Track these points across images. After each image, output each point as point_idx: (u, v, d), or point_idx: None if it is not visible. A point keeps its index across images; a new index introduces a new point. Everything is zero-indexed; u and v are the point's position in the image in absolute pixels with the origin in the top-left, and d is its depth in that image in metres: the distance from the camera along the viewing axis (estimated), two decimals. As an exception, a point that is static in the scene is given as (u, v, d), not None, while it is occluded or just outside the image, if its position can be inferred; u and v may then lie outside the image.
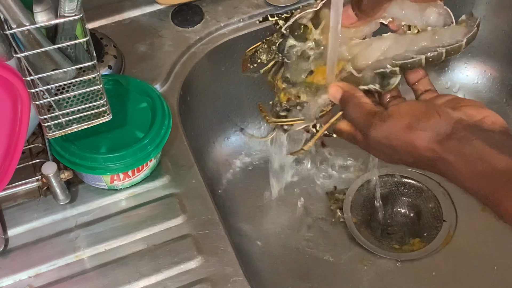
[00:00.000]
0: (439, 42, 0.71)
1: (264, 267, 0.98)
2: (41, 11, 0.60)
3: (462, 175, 0.62)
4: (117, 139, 0.79)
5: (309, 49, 0.74)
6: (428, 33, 0.71)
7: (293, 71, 0.74)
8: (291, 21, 0.73)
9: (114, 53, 0.92)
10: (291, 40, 0.74)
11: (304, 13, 0.73)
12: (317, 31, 0.74)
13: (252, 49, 0.77)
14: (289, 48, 0.74)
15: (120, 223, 0.80)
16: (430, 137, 0.64)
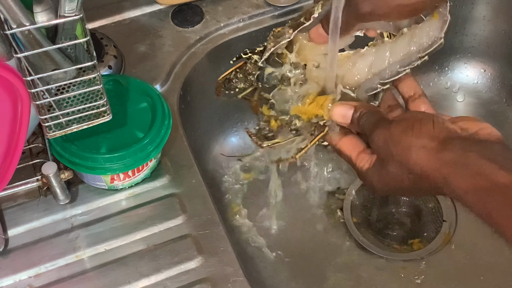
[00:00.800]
0: (418, 44, 0.70)
1: (264, 267, 0.98)
2: (41, 11, 0.60)
3: (460, 189, 0.60)
4: (117, 139, 0.79)
5: (288, 72, 0.73)
6: (406, 36, 0.70)
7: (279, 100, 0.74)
8: (266, 55, 0.72)
9: (114, 53, 0.92)
10: (268, 68, 0.73)
11: (278, 45, 0.72)
12: (292, 54, 0.73)
13: (224, 77, 0.77)
14: (268, 75, 0.73)
15: (120, 223, 0.80)
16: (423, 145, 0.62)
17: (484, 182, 0.59)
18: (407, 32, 0.71)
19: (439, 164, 0.61)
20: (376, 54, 0.72)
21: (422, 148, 0.62)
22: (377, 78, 0.71)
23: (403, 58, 0.71)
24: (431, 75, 1.16)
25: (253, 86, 0.75)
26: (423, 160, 0.62)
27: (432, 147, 0.62)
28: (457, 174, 0.60)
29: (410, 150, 0.63)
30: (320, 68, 0.73)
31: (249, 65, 0.75)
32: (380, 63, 0.71)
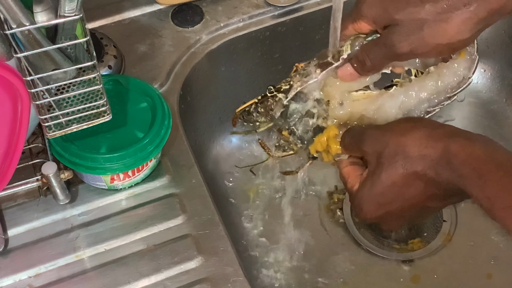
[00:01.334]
0: (446, 82, 0.70)
1: (264, 267, 0.98)
2: (41, 11, 0.60)
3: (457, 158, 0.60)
4: (117, 139, 0.79)
5: (312, 108, 0.73)
6: (433, 75, 0.70)
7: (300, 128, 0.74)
8: (293, 94, 0.72)
9: (114, 53, 0.92)
10: (292, 105, 0.73)
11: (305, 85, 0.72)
12: (317, 91, 0.73)
13: (242, 109, 0.77)
14: (291, 112, 0.74)
15: (120, 223, 0.80)
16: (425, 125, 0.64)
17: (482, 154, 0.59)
18: (434, 71, 0.71)
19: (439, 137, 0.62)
20: (405, 93, 0.71)
21: (422, 129, 0.64)
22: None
23: (431, 97, 0.70)
24: (431, 75, 1.16)
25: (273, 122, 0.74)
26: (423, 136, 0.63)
27: (431, 125, 0.63)
28: (458, 144, 0.61)
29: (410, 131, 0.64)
30: (343, 107, 0.73)
31: (271, 100, 0.74)
32: (409, 103, 0.71)
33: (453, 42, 0.66)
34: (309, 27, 1.02)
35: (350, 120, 0.73)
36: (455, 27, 0.65)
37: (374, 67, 0.70)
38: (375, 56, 0.69)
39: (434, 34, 0.66)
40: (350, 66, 0.71)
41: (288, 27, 1.01)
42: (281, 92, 0.74)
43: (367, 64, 0.70)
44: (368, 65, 0.70)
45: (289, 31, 1.02)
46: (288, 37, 1.02)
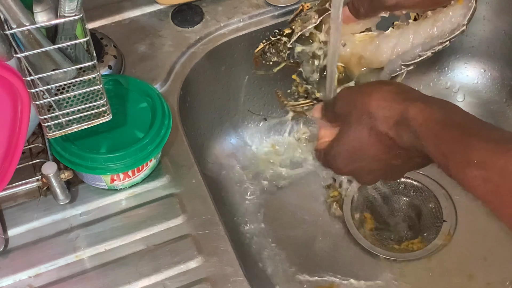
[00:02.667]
0: (441, 28, 0.71)
1: (264, 266, 0.98)
2: (41, 11, 0.60)
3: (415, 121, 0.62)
4: (117, 139, 0.79)
5: (317, 49, 0.75)
6: (429, 20, 0.72)
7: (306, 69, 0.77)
8: (294, 38, 0.75)
9: (114, 53, 0.92)
10: (298, 47, 0.76)
11: (305, 30, 0.75)
12: (321, 33, 0.75)
13: (259, 50, 0.80)
14: (298, 53, 0.76)
15: (120, 223, 0.80)
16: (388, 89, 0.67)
17: (439, 116, 0.62)
18: (431, 16, 0.72)
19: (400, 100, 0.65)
20: (399, 36, 0.73)
21: (387, 91, 0.67)
22: (399, 60, 0.72)
23: (425, 42, 0.71)
24: (431, 75, 1.16)
25: (285, 62, 0.78)
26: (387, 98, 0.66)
27: (396, 91, 0.66)
28: (416, 108, 0.63)
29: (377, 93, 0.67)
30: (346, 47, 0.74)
31: (280, 45, 0.78)
32: (404, 45, 0.73)
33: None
34: (309, 27, 1.02)
35: (351, 60, 0.75)
36: None
37: (367, 14, 0.73)
38: (367, 5, 0.72)
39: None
40: (347, 10, 0.74)
41: (288, 27, 1.01)
42: (285, 36, 0.77)
43: (360, 11, 0.73)
44: (361, 11, 0.73)
45: (289, 31, 1.02)
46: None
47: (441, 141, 0.60)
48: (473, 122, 0.61)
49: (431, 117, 0.62)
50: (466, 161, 0.58)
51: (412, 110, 0.63)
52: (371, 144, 0.68)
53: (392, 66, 0.73)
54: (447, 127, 0.61)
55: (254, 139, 1.10)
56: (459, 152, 0.59)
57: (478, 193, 0.57)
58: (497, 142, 0.57)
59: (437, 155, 0.61)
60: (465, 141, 0.59)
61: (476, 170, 0.57)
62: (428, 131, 0.61)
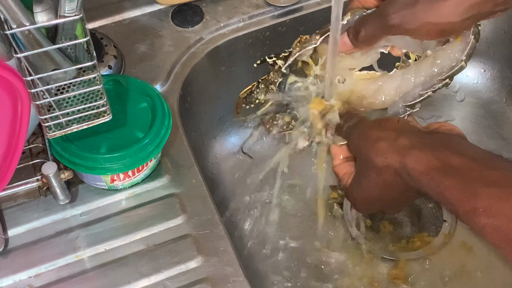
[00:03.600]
0: (440, 66, 0.71)
1: (264, 266, 0.98)
2: (41, 11, 0.60)
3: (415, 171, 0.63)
4: (117, 139, 0.79)
5: (311, 84, 0.74)
6: (429, 59, 0.72)
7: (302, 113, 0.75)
8: (291, 60, 0.73)
9: (114, 53, 0.92)
10: (292, 77, 0.74)
11: (304, 51, 0.73)
12: (317, 67, 0.74)
13: (246, 91, 0.78)
14: (289, 84, 0.74)
15: (120, 223, 0.80)
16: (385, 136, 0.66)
17: (437, 163, 0.62)
18: (431, 54, 0.71)
19: (397, 150, 0.65)
20: (402, 76, 0.72)
21: (384, 140, 0.67)
22: (401, 101, 0.72)
23: (425, 81, 0.71)
24: (431, 75, 1.16)
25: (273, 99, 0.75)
26: (384, 148, 0.66)
27: (392, 137, 0.66)
28: (413, 157, 0.64)
29: (376, 142, 0.67)
30: (345, 84, 0.73)
31: (272, 74, 0.75)
32: (406, 85, 0.72)
33: (442, 22, 0.68)
34: (309, 27, 1.02)
35: (350, 98, 0.74)
36: (447, 8, 0.67)
37: (367, 37, 0.72)
38: (369, 26, 0.71)
39: (426, 11, 0.67)
40: (345, 36, 0.73)
41: (288, 27, 1.01)
42: (280, 58, 0.75)
43: (361, 34, 0.72)
44: (362, 34, 0.72)
45: (289, 31, 1.02)
46: (288, 37, 1.02)
47: (444, 190, 0.60)
48: (472, 162, 0.61)
49: (429, 166, 0.62)
50: (473, 210, 0.58)
51: (409, 160, 0.64)
52: (382, 189, 0.69)
53: (395, 108, 0.73)
54: (447, 175, 0.61)
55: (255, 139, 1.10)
56: (464, 201, 0.59)
57: (490, 241, 0.58)
58: (501, 186, 0.57)
59: (443, 202, 0.61)
60: (469, 189, 0.59)
61: (484, 218, 0.57)
62: (429, 180, 0.62)
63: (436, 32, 0.69)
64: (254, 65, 0.77)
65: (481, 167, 0.60)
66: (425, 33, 0.70)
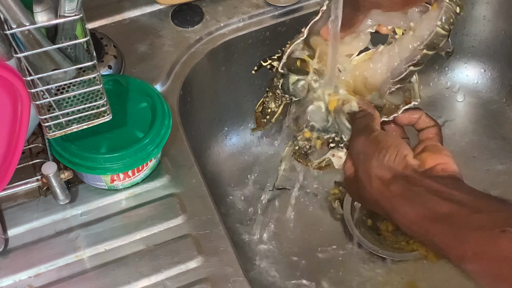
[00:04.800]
0: (419, 37, 0.70)
1: (264, 266, 0.98)
2: (41, 11, 0.60)
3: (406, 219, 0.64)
4: (117, 139, 0.79)
5: (313, 80, 0.73)
6: (410, 32, 0.71)
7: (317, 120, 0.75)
8: (285, 57, 0.73)
9: (114, 53, 0.92)
10: (292, 76, 0.74)
11: (294, 45, 0.73)
12: (314, 60, 0.73)
13: (260, 104, 0.78)
14: (293, 85, 0.74)
15: (120, 223, 0.80)
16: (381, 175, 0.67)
17: (427, 212, 0.63)
18: (412, 27, 0.70)
19: (390, 195, 0.66)
20: (388, 53, 0.72)
21: (379, 179, 0.67)
22: (390, 77, 0.71)
23: (409, 55, 0.70)
24: (431, 75, 1.16)
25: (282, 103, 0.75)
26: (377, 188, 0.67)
27: (387, 178, 0.67)
28: (405, 206, 0.65)
29: (370, 177, 0.68)
30: (346, 71, 0.73)
31: (275, 79, 0.75)
32: (392, 60, 0.71)
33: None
34: (309, 27, 1.02)
35: (356, 85, 0.74)
36: None
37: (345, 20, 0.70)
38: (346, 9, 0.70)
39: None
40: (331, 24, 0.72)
41: (288, 27, 1.01)
42: (275, 60, 0.75)
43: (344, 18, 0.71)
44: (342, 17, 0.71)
45: (289, 31, 1.01)
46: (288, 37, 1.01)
47: (433, 238, 0.62)
48: (460, 208, 0.62)
49: (418, 215, 0.63)
50: (462, 255, 0.59)
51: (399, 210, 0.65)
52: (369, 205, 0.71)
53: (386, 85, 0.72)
54: (435, 223, 0.62)
55: (254, 138, 1.10)
56: (453, 247, 0.60)
57: (483, 283, 0.59)
58: (486, 229, 0.59)
59: (434, 248, 0.63)
60: (456, 235, 0.60)
61: (474, 263, 0.59)
62: (418, 229, 0.63)
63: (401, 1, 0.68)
64: (252, 72, 0.77)
65: (468, 212, 0.61)
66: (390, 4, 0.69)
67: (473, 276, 0.59)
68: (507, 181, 1.06)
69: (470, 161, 1.08)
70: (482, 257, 0.58)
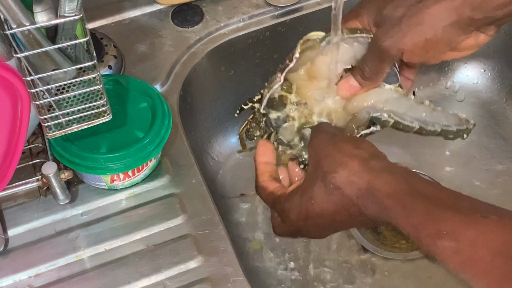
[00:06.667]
0: (436, 119, 0.72)
1: (265, 266, 0.98)
2: (41, 11, 0.60)
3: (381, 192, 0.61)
4: (117, 139, 0.79)
5: (291, 111, 0.74)
6: (428, 107, 0.72)
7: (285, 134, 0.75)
8: (264, 102, 0.74)
9: (114, 53, 0.92)
10: (272, 114, 0.75)
11: (272, 90, 0.74)
12: (292, 95, 0.74)
13: (243, 129, 0.80)
14: (274, 120, 0.75)
15: (120, 223, 0.80)
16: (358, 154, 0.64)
17: (406, 188, 0.61)
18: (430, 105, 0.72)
19: (367, 169, 0.63)
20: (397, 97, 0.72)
21: (356, 158, 0.64)
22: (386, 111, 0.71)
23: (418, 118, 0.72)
24: (431, 75, 1.16)
25: (267, 133, 0.77)
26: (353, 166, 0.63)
27: (364, 157, 0.64)
28: (382, 179, 0.62)
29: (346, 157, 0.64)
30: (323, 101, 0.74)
31: (256, 113, 0.77)
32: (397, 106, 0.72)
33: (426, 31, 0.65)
34: (309, 27, 1.01)
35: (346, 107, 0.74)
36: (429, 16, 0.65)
37: (372, 72, 0.69)
38: (370, 60, 0.69)
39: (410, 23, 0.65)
40: (351, 78, 0.71)
41: (288, 27, 1.01)
42: (255, 102, 0.77)
43: (365, 71, 0.69)
44: (366, 71, 0.69)
45: (289, 31, 1.02)
46: (288, 37, 1.02)
47: (409, 213, 0.59)
48: (440, 193, 0.61)
49: (398, 189, 0.61)
50: (436, 232, 0.57)
51: (378, 181, 0.62)
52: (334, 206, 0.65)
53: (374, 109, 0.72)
54: (415, 199, 0.60)
55: (254, 139, 1.10)
56: (428, 223, 0.58)
57: (450, 264, 0.57)
58: (466, 213, 0.57)
59: (406, 226, 0.60)
60: (435, 212, 0.58)
61: (447, 241, 0.57)
62: (395, 202, 0.60)
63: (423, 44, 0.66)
64: (235, 115, 0.79)
65: (450, 196, 0.60)
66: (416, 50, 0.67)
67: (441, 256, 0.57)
68: (507, 181, 1.07)
69: (470, 161, 1.08)
70: (458, 237, 0.56)
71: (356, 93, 0.72)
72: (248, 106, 0.77)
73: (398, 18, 0.66)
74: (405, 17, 0.66)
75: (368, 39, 0.70)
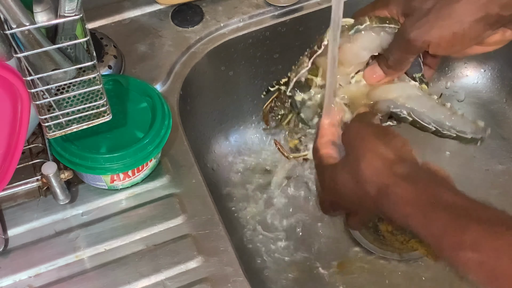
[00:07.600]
0: (453, 124, 0.73)
1: (265, 266, 0.98)
2: (41, 11, 0.60)
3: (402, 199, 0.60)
4: (117, 139, 0.79)
5: (316, 93, 0.75)
6: (449, 110, 0.73)
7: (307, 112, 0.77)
8: (291, 85, 0.75)
9: (114, 53, 0.92)
10: (298, 96, 0.76)
11: (299, 75, 0.75)
12: (318, 78, 0.75)
13: (267, 105, 0.81)
14: (299, 102, 0.76)
15: (120, 223, 0.80)
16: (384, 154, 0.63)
17: (428, 197, 0.60)
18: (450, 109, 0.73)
19: (388, 174, 0.62)
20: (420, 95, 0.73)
21: (381, 158, 0.63)
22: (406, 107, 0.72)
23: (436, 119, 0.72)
24: (431, 75, 1.16)
25: (291, 113, 0.78)
26: (377, 166, 0.63)
27: (390, 159, 0.63)
28: (405, 186, 0.61)
29: (373, 155, 0.64)
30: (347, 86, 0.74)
31: (282, 95, 0.78)
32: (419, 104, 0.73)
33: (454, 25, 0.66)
34: (309, 27, 1.02)
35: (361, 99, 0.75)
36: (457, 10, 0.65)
37: (396, 62, 0.70)
38: (395, 50, 0.70)
39: (438, 16, 0.66)
40: (376, 66, 0.72)
41: (288, 27, 1.01)
42: (282, 84, 0.77)
43: (389, 60, 0.70)
44: (390, 60, 0.70)
45: (289, 31, 1.02)
46: (288, 37, 1.02)
47: (430, 222, 0.58)
48: (464, 202, 0.59)
49: (419, 198, 0.60)
50: (459, 242, 0.56)
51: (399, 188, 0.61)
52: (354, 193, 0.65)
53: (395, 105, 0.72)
54: (436, 208, 0.59)
55: (255, 139, 1.10)
56: (450, 234, 0.57)
57: (473, 276, 0.56)
58: (489, 224, 0.56)
59: (427, 235, 0.59)
60: (457, 222, 0.57)
61: (471, 252, 0.55)
62: (415, 211, 0.59)
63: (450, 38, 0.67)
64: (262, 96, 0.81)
65: (474, 206, 0.59)
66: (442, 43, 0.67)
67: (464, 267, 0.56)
68: (507, 181, 1.07)
69: (470, 161, 1.08)
70: (481, 249, 0.55)
71: (380, 81, 0.73)
72: (275, 88, 0.78)
73: (426, 10, 0.67)
74: (434, 9, 0.67)
75: (395, 30, 0.71)
